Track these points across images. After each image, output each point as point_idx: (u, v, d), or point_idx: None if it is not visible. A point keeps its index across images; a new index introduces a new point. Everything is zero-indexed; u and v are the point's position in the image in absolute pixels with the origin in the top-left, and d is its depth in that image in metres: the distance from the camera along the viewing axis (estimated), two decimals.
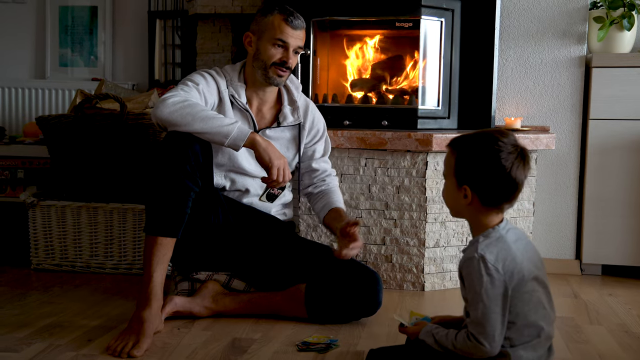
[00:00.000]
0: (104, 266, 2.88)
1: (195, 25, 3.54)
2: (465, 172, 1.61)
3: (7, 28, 3.92)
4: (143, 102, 2.99)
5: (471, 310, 1.58)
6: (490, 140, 1.60)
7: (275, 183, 2.21)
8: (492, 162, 1.58)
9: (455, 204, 1.67)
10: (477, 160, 1.59)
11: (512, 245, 1.60)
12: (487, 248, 1.58)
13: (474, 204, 1.62)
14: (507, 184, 1.58)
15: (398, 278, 2.75)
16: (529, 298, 1.58)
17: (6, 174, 3.31)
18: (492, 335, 1.55)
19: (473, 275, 1.57)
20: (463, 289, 1.63)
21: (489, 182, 1.59)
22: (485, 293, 1.55)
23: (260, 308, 2.29)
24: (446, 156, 1.68)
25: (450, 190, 1.66)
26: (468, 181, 1.61)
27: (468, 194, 1.61)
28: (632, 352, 2.07)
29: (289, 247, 2.38)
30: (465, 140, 1.64)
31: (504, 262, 1.56)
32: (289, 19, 2.31)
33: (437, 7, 2.92)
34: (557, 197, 3.12)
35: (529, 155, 1.62)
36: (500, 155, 1.57)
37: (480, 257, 1.56)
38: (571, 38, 3.10)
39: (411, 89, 3.00)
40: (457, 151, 1.64)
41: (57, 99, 3.77)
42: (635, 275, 3.06)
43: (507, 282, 1.55)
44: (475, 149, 1.61)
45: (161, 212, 2.12)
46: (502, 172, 1.57)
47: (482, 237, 1.61)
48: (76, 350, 1.94)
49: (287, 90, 2.48)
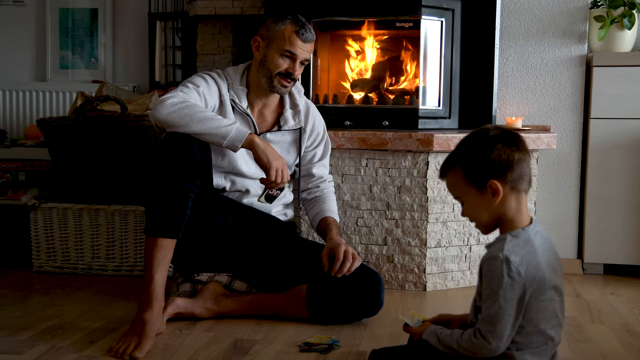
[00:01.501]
0: (105, 268, 2.88)
1: (196, 27, 3.54)
2: (478, 168, 1.60)
3: (7, 30, 3.93)
4: (144, 104, 2.99)
5: (485, 307, 1.57)
6: (473, 132, 1.66)
7: (274, 184, 2.21)
8: (488, 139, 1.60)
9: (487, 211, 1.63)
10: (478, 148, 1.60)
11: (539, 250, 1.58)
12: (513, 249, 1.56)
13: (504, 194, 1.59)
14: (511, 143, 1.60)
15: (400, 278, 2.75)
16: (544, 307, 1.57)
17: (7, 176, 3.31)
18: (501, 336, 1.55)
19: (494, 274, 1.55)
20: (480, 283, 1.61)
21: (500, 154, 1.58)
22: (503, 294, 1.53)
23: (262, 309, 2.29)
24: (449, 181, 1.67)
25: (475, 203, 1.63)
26: (487, 173, 1.60)
27: (496, 187, 1.59)
28: (635, 351, 2.06)
29: (290, 248, 2.38)
30: (455, 150, 1.67)
31: (528, 266, 1.55)
32: (300, 31, 2.30)
33: (437, 7, 2.92)
34: (559, 197, 3.12)
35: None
36: (488, 128, 1.64)
37: (505, 259, 1.54)
38: (572, 37, 3.09)
39: (412, 89, 3.00)
40: (458, 162, 1.64)
41: (58, 102, 3.78)
42: (637, 274, 3.06)
43: (526, 286, 1.54)
44: (468, 145, 1.63)
45: (161, 213, 2.12)
46: (500, 137, 1.60)
47: (511, 237, 1.59)
48: (78, 352, 1.94)
49: (289, 94, 2.48)
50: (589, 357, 2.00)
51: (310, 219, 2.53)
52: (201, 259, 2.35)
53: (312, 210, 2.52)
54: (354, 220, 2.76)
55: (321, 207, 2.49)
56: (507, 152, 1.59)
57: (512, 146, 1.60)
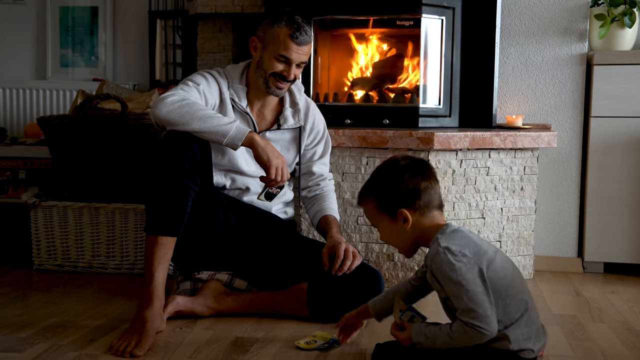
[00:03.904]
0: (106, 266, 2.88)
1: (196, 25, 3.54)
2: (388, 198, 1.71)
3: (7, 28, 3.93)
4: (144, 102, 2.99)
5: (457, 302, 1.61)
6: (384, 162, 1.77)
7: (274, 182, 2.21)
8: (397, 170, 1.71)
9: (402, 237, 1.74)
10: (388, 178, 1.71)
11: (468, 233, 1.68)
12: (448, 240, 1.64)
13: (415, 220, 1.70)
14: (420, 171, 1.71)
15: (400, 276, 2.75)
16: (503, 274, 1.63)
17: (8, 174, 3.31)
18: (486, 316, 1.58)
19: (445, 267, 1.62)
20: (440, 288, 1.66)
21: (407, 184, 1.69)
22: (463, 279, 1.59)
23: (263, 307, 2.29)
24: (364, 209, 1.80)
25: (389, 230, 1.75)
26: (396, 202, 1.70)
27: (406, 215, 1.70)
28: (635, 349, 2.07)
29: (291, 246, 2.38)
30: (369, 180, 1.77)
31: (467, 247, 1.63)
32: (295, 34, 2.28)
33: (437, 5, 2.92)
34: (559, 195, 3.12)
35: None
36: (397, 158, 1.74)
37: (445, 249, 1.62)
38: (572, 36, 3.09)
39: (412, 87, 3.00)
40: (371, 192, 1.75)
41: (58, 100, 3.78)
42: (637, 272, 3.06)
43: (478, 263, 1.61)
44: (379, 175, 1.75)
45: (161, 211, 2.12)
46: (407, 167, 1.71)
47: (439, 235, 1.67)
48: (79, 350, 1.94)
49: (289, 92, 2.48)
50: (590, 356, 2.00)
51: (310, 217, 2.53)
52: (201, 257, 2.35)
53: (312, 209, 2.52)
54: (354, 218, 2.77)
55: (321, 206, 2.49)
56: (414, 181, 1.69)
57: (419, 175, 1.70)
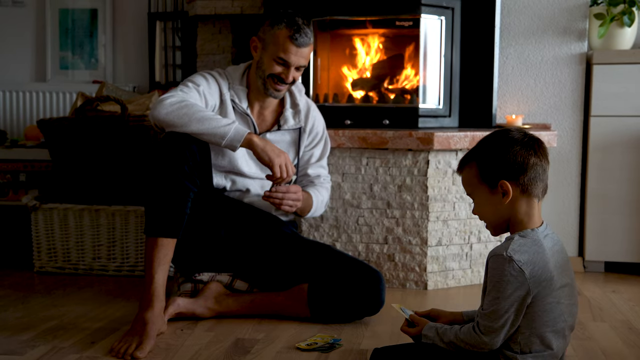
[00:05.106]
0: (106, 268, 2.88)
1: (195, 27, 3.54)
2: (492, 167, 1.61)
3: (7, 31, 3.92)
4: (144, 104, 2.99)
5: (486, 303, 1.58)
6: (495, 131, 1.67)
7: (280, 179, 2.21)
8: (507, 140, 1.61)
9: (497, 213, 1.63)
10: (495, 147, 1.61)
11: (547, 251, 1.57)
12: (519, 249, 1.55)
13: (514, 196, 1.59)
14: (528, 149, 1.61)
15: (401, 277, 2.75)
16: (550, 309, 1.56)
17: (8, 177, 3.31)
18: (497, 333, 1.55)
19: (497, 272, 1.55)
20: (485, 280, 1.62)
21: (516, 156, 1.59)
22: (504, 292, 1.53)
23: (263, 308, 2.29)
24: (463, 177, 1.68)
25: (485, 202, 1.64)
26: (500, 173, 1.59)
27: (507, 188, 1.59)
28: (636, 348, 2.06)
29: (291, 247, 2.38)
30: (476, 146, 1.67)
31: (534, 266, 1.54)
32: (294, 36, 2.27)
33: (437, 5, 2.92)
34: (559, 195, 3.12)
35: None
36: (510, 129, 1.65)
37: (508, 257, 1.54)
38: (572, 35, 3.09)
39: (412, 87, 3.00)
40: (474, 159, 1.64)
41: (58, 102, 3.77)
42: (638, 271, 3.06)
43: (530, 287, 1.53)
44: (487, 143, 1.64)
45: (160, 213, 2.12)
46: (519, 140, 1.61)
47: (518, 237, 1.58)
48: (80, 352, 1.94)
49: (289, 93, 2.48)
50: (590, 355, 2.00)
51: None
52: (202, 258, 2.35)
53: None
54: (355, 219, 2.77)
55: (307, 189, 2.47)
56: (523, 155, 1.59)
57: (530, 150, 1.60)
